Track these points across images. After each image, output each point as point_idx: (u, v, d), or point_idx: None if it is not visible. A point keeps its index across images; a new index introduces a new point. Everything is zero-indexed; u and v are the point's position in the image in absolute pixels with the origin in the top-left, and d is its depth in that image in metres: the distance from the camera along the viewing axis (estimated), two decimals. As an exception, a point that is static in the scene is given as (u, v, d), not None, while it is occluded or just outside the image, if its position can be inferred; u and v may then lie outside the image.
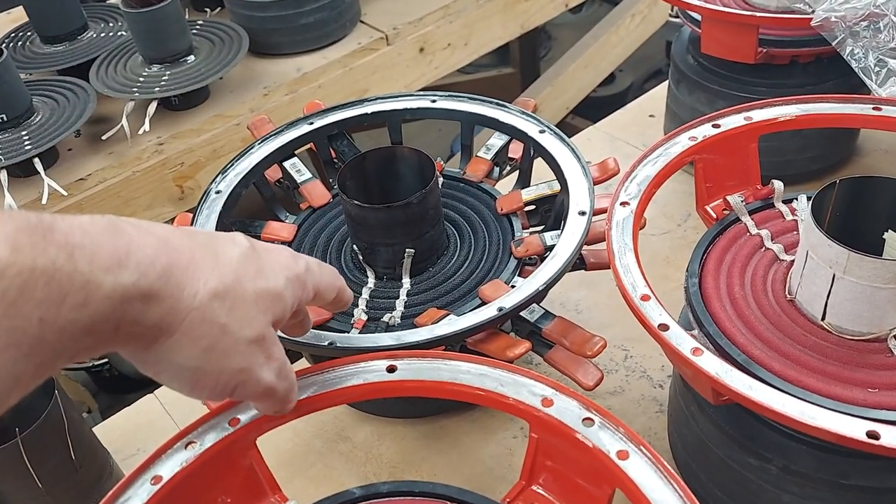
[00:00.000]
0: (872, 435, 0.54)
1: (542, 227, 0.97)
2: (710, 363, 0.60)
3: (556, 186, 0.94)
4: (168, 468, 0.63)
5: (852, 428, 0.54)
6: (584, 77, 2.52)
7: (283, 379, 0.60)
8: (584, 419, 0.59)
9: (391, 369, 0.66)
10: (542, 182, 0.97)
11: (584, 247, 0.85)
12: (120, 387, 1.93)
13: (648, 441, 0.90)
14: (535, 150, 0.99)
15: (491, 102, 1.04)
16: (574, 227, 0.84)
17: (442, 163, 1.05)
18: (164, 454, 0.64)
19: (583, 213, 0.85)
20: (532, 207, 1.00)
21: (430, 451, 0.94)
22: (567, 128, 2.55)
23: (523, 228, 0.97)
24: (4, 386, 0.43)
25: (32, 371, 0.44)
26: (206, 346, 0.53)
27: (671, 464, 0.86)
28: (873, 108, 0.82)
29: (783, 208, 0.81)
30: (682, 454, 0.82)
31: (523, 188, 0.99)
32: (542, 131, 0.98)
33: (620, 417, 0.93)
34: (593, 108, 2.63)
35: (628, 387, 0.98)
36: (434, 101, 1.06)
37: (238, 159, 1.02)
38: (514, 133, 1.01)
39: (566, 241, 0.82)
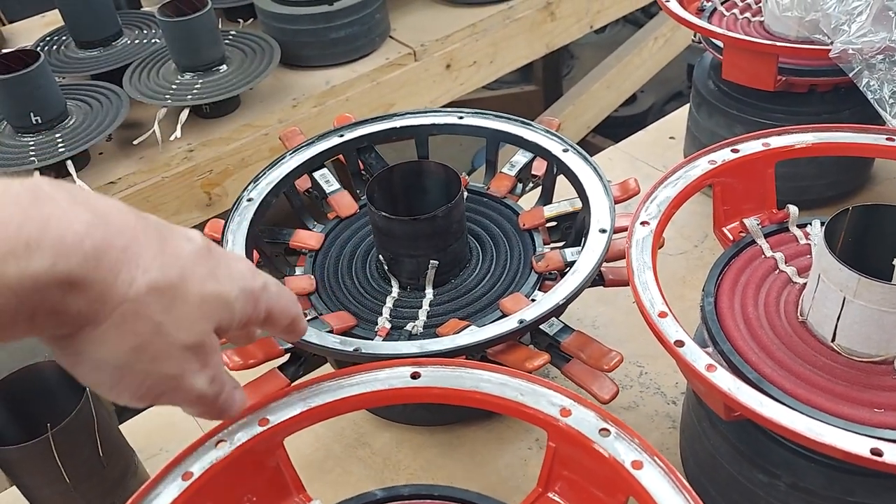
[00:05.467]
0: (876, 452, 0.56)
1: (562, 244, 1.00)
2: (723, 379, 0.63)
3: (578, 204, 0.96)
4: (199, 465, 0.64)
5: (857, 445, 0.57)
6: (606, 97, 2.54)
7: (217, 386, 0.56)
8: (600, 430, 0.62)
9: (415, 376, 0.69)
10: (564, 199, 0.99)
11: (604, 264, 0.87)
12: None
13: (661, 455, 0.94)
14: (558, 168, 1.01)
15: (516, 120, 1.06)
16: (594, 244, 0.86)
17: (467, 178, 1.08)
18: (195, 451, 0.65)
19: (603, 231, 0.87)
20: (553, 224, 1.02)
21: (447, 459, 0.97)
22: (588, 146, 2.58)
23: (544, 244, 0.99)
24: None
25: None
26: (135, 344, 0.47)
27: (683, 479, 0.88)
28: (887, 139, 0.84)
29: (797, 232, 0.84)
30: (694, 469, 0.85)
31: (545, 205, 1.02)
32: (565, 150, 1.00)
33: (634, 431, 0.97)
34: (614, 128, 2.66)
35: (642, 402, 1.00)
36: (461, 118, 1.08)
37: (270, 169, 1.04)
38: (538, 151, 1.03)
39: (586, 258, 0.85)
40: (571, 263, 0.87)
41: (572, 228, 0.98)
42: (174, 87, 1.69)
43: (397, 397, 0.69)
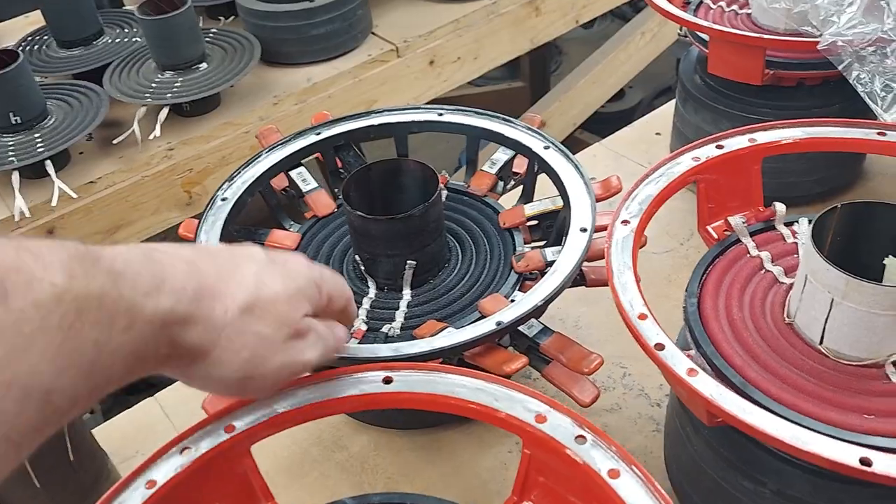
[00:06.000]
0: (865, 462, 0.54)
1: (543, 243, 0.98)
2: (705, 384, 0.60)
3: (559, 202, 0.94)
4: (163, 473, 0.62)
5: (845, 454, 0.54)
6: (593, 93, 2.52)
7: (321, 344, 0.63)
8: (576, 437, 0.59)
9: (388, 381, 0.66)
10: (545, 198, 0.97)
11: (585, 263, 0.85)
12: (122, 388, 1.93)
13: (644, 460, 0.92)
14: (539, 165, 0.99)
15: (497, 117, 1.04)
16: (575, 244, 0.84)
17: (447, 176, 1.05)
18: (160, 459, 0.64)
19: (584, 230, 0.85)
20: (535, 222, 1.00)
21: (426, 463, 0.94)
22: (575, 143, 2.56)
23: (525, 243, 0.97)
24: (64, 404, 0.44)
25: (88, 392, 0.46)
26: (246, 356, 0.56)
27: (666, 484, 0.86)
28: (877, 133, 0.82)
29: (784, 231, 0.81)
30: (677, 475, 0.82)
31: (526, 203, 0.99)
32: (546, 147, 0.98)
33: (616, 435, 0.94)
34: (602, 124, 2.64)
35: (625, 405, 0.98)
36: (441, 115, 1.06)
37: (245, 167, 1.02)
38: (518, 148, 1.01)
39: (566, 258, 0.82)
40: (552, 263, 0.85)
41: (553, 227, 0.96)
42: (154, 85, 1.67)
43: (369, 403, 0.66)
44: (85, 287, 0.44)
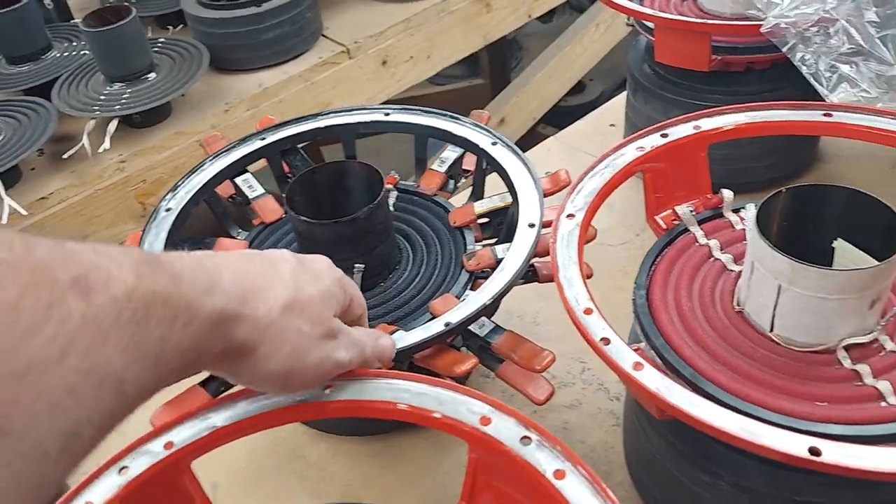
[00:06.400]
0: (814, 451, 0.52)
1: (495, 240, 0.96)
2: (651, 378, 0.59)
3: (508, 199, 0.92)
4: (100, 494, 0.61)
5: (794, 445, 0.53)
6: (550, 87, 2.52)
7: (355, 348, 0.66)
8: (521, 437, 0.58)
9: (328, 388, 0.65)
10: (494, 194, 0.95)
11: (537, 259, 0.84)
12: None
13: (605, 455, 0.90)
14: (487, 162, 0.97)
15: (444, 115, 1.02)
16: (523, 240, 0.82)
17: (396, 176, 1.04)
18: (97, 479, 0.62)
19: (532, 226, 0.83)
20: (486, 220, 0.98)
21: (385, 469, 0.93)
22: (537, 137, 2.54)
23: (477, 241, 0.95)
24: (133, 392, 0.47)
25: (153, 383, 0.49)
26: (289, 351, 0.59)
27: (627, 478, 0.85)
28: (823, 115, 0.81)
29: (733, 217, 0.80)
30: (637, 469, 0.81)
31: (476, 201, 0.98)
32: (494, 143, 0.96)
33: (577, 431, 0.93)
34: (564, 118, 2.61)
35: (585, 400, 0.97)
36: (388, 115, 1.05)
37: (188, 176, 1.00)
38: (466, 145, 0.99)
39: (514, 254, 0.81)
40: (502, 260, 0.83)
41: (504, 224, 0.94)
42: (102, 97, 1.64)
43: (309, 413, 0.65)
44: (151, 286, 0.48)
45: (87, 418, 0.44)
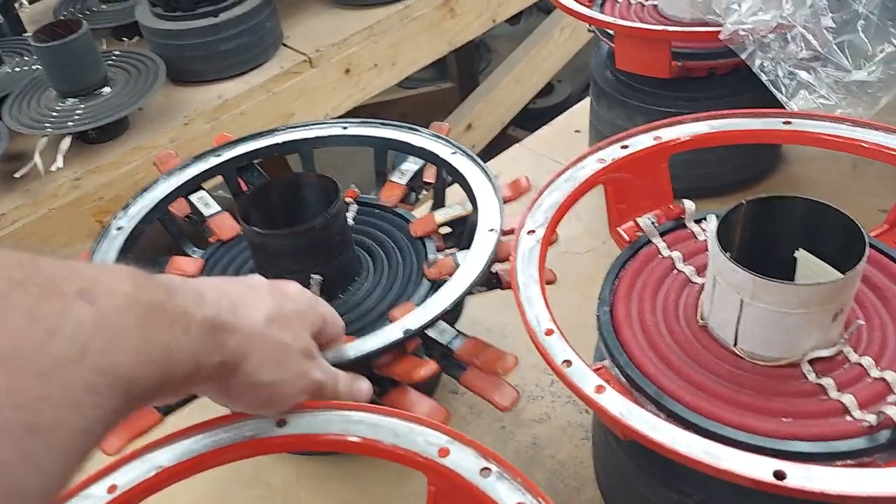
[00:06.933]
0: (779, 475, 0.51)
1: (455, 249, 0.95)
2: (613, 402, 0.58)
3: (469, 207, 0.91)
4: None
5: (759, 469, 0.52)
6: (517, 91, 2.51)
7: (331, 375, 0.68)
8: (481, 469, 0.56)
9: (281, 423, 0.63)
10: (455, 203, 0.94)
11: (500, 267, 0.83)
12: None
13: (574, 471, 0.89)
14: (447, 171, 0.96)
15: (402, 127, 1.01)
16: (483, 244, 0.81)
17: (356, 190, 1.02)
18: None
19: (492, 230, 0.83)
20: (448, 230, 0.97)
21: (352, 492, 0.91)
22: (508, 140, 2.53)
23: (439, 251, 0.93)
24: (139, 394, 0.49)
25: (156, 389, 0.50)
26: (275, 361, 0.61)
27: (597, 494, 0.83)
28: (783, 122, 0.80)
29: (695, 228, 0.79)
30: (606, 485, 0.80)
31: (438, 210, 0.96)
32: (454, 153, 0.95)
33: (547, 446, 0.92)
34: (534, 120, 2.61)
35: (554, 413, 0.95)
36: (345, 128, 1.03)
37: (141, 194, 0.97)
38: (426, 156, 0.98)
39: (473, 258, 0.80)
40: (461, 265, 0.82)
41: (465, 232, 0.93)
42: (55, 114, 1.61)
43: (263, 448, 0.63)
44: (148, 296, 0.50)
45: (100, 418, 0.45)
